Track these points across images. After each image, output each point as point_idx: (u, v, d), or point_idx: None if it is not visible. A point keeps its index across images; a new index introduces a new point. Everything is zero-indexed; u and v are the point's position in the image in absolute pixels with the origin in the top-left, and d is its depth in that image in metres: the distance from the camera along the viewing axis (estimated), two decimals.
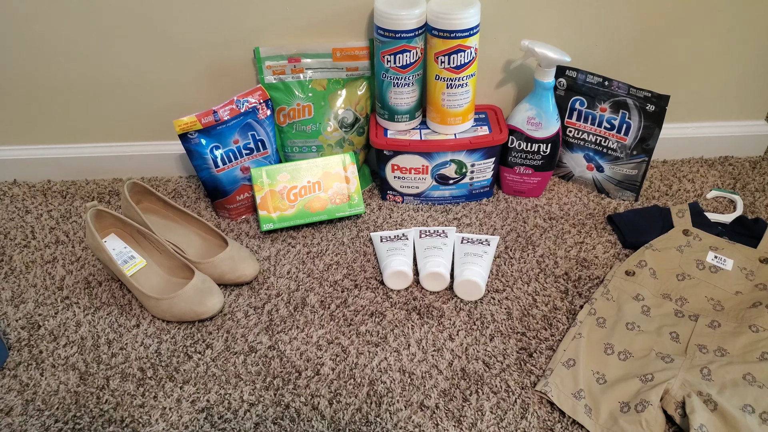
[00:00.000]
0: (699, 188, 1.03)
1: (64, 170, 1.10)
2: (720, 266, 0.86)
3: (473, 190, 1.00)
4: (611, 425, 0.70)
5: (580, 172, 1.03)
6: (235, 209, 1.00)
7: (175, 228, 0.95)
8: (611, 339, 0.78)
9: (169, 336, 0.83)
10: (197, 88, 1.00)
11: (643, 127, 0.93)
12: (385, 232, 0.94)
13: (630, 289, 0.84)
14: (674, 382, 0.72)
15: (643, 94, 0.90)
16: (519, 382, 0.76)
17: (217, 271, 0.87)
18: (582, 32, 0.95)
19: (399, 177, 0.99)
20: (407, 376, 0.77)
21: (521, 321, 0.83)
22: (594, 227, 0.96)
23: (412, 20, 0.85)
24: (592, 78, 0.93)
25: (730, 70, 1.01)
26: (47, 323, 0.86)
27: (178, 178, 1.10)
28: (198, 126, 0.91)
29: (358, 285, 0.89)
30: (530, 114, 0.93)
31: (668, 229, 0.92)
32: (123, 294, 0.89)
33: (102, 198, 1.07)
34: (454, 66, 0.88)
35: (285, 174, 0.96)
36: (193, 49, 0.95)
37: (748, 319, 0.79)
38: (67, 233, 1.00)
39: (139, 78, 0.99)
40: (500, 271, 0.90)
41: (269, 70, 0.95)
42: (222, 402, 0.75)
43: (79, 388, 0.77)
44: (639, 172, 0.97)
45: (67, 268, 0.94)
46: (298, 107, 0.97)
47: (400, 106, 0.93)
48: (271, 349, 0.81)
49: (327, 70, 0.96)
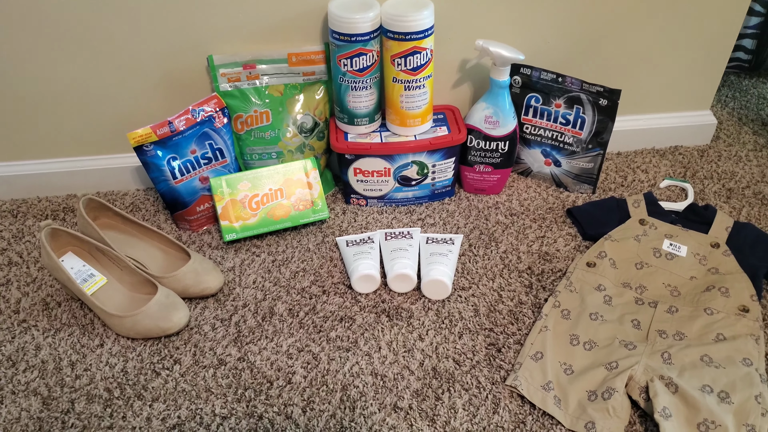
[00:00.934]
0: (652, 178, 1.06)
1: (13, 188, 1.06)
2: (675, 253, 0.89)
3: (435, 190, 1.01)
4: (580, 414, 0.72)
5: (538, 168, 1.05)
6: (196, 221, 0.98)
7: (135, 243, 0.93)
8: (576, 330, 0.80)
9: (135, 354, 0.81)
10: (151, 98, 0.98)
11: (597, 121, 0.95)
12: (351, 236, 0.94)
13: (592, 280, 0.87)
14: (637, 368, 0.74)
15: (596, 89, 0.93)
16: (489, 378, 0.77)
17: (181, 285, 0.86)
18: (535, 30, 0.97)
19: (362, 180, 0.99)
20: (379, 379, 0.77)
21: (488, 317, 0.84)
22: (554, 221, 0.99)
23: (367, 23, 0.85)
24: (546, 75, 0.95)
25: (677, 63, 1.04)
26: (4, 348, 0.82)
27: (135, 192, 1.08)
28: (153, 138, 0.89)
29: (326, 291, 0.88)
30: (487, 113, 0.95)
31: (625, 219, 0.95)
32: (84, 313, 0.87)
33: (56, 215, 1.03)
34: (410, 68, 0.88)
35: (245, 182, 0.95)
36: (145, 58, 0.93)
37: (703, 303, 0.82)
38: (20, 254, 0.96)
39: (89, 89, 0.96)
40: (465, 269, 0.91)
41: (224, 78, 0.94)
42: (194, 417, 0.74)
43: (42, 413, 0.75)
44: (595, 165, 0.99)
45: (22, 290, 0.90)
46: (256, 114, 0.96)
47: (359, 110, 0.93)
48: (240, 360, 0.80)
49: (283, 75, 0.95)
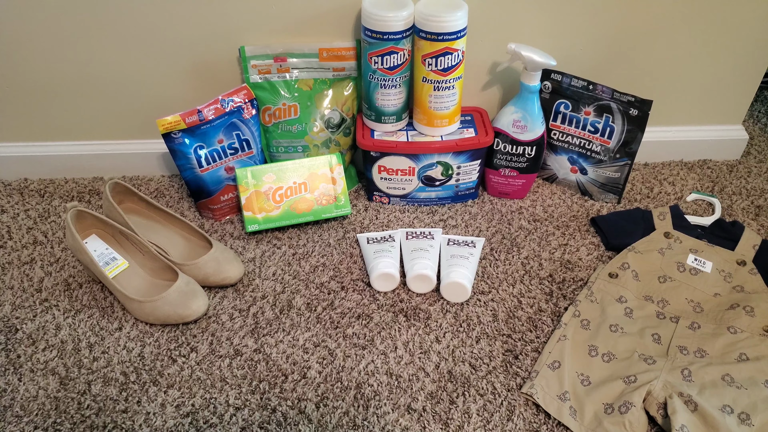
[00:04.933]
0: (679, 191, 1.05)
1: (42, 168, 1.07)
2: (700, 269, 0.88)
3: (459, 192, 1.01)
4: (595, 426, 0.71)
5: (564, 175, 1.04)
6: (219, 210, 0.99)
7: (157, 229, 0.93)
8: (595, 341, 0.79)
9: (153, 339, 0.82)
10: (181, 86, 0.98)
11: (626, 131, 0.94)
12: (372, 234, 0.94)
13: (613, 291, 0.86)
14: (656, 384, 0.73)
15: (627, 98, 0.91)
16: (505, 384, 0.76)
17: (202, 273, 0.86)
18: (567, 36, 0.96)
19: (385, 178, 0.98)
20: (394, 379, 0.77)
21: (507, 323, 0.84)
22: (578, 229, 0.98)
23: (400, 22, 0.84)
24: (577, 82, 0.94)
25: (710, 76, 1.02)
26: (25, 327, 0.84)
27: (160, 178, 1.09)
28: (182, 125, 0.90)
29: (345, 287, 0.88)
30: (516, 117, 0.94)
31: (650, 231, 0.94)
32: (104, 296, 0.87)
33: (82, 197, 1.05)
34: (441, 68, 0.88)
35: (270, 174, 0.95)
36: (177, 47, 0.94)
37: (726, 321, 0.81)
38: (45, 233, 0.98)
39: (121, 75, 0.97)
40: (486, 273, 0.90)
41: (254, 70, 0.94)
42: (207, 406, 0.74)
43: (59, 393, 0.76)
44: (622, 175, 0.98)
45: (45, 269, 0.92)
46: (284, 107, 0.96)
47: (387, 108, 0.93)
48: (256, 352, 0.80)
49: (313, 70, 0.95)
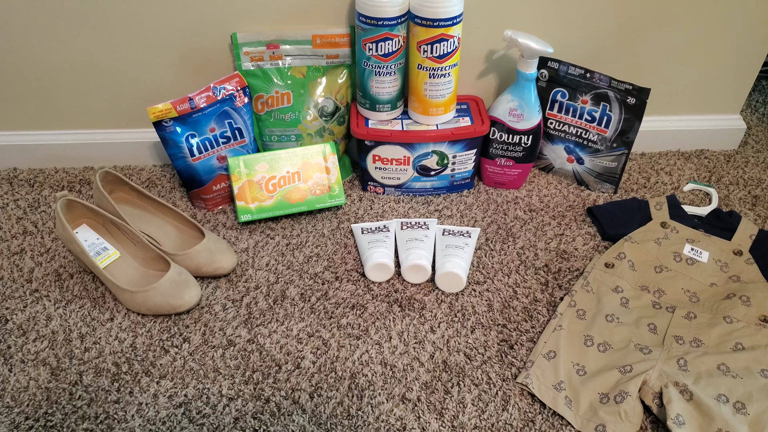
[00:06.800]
0: (676, 181, 1.04)
1: (32, 158, 1.06)
2: (696, 258, 0.87)
3: (454, 182, 1.00)
4: (591, 416, 0.70)
5: (561, 164, 1.03)
6: (212, 199, 0.98)
7: (149, 219, 0.92)
8: (591, 331, 0.79)
9: (145, 330, 0.81)
10: (173, 74, 0.97)
11: (623, 120, 0.93)
12: (366, 224, 0.93)
13: (609, 281, 0.85)
14: (652, 373, 0.73)
15: (624, 86, 0.90)
16: (500, 374, 0.76)
17: (194, 263, 0.85)
18: (564, 23, 0.95)
19: (380, 168, 0.97)
20: (389, 369, 0.76)
21: (502, 313, 0.83)
22: (574, 219, 0.97)
23: (395, 7, 0.83)
24: (574, 70, 0.93)
25: (709, 65, 1.02)
26: (15, 317, 0.82)
27: (152, 167, 1.07)
28: (173, 113, 0.88)
29: (339, 277, 0.88)
30: (512, 105, 0.93)
31: (646, 221, 0.93)
32: (96, 287, 0.86)
33: (72, 187, 1.03)
34: (436, 55, 0.87)
35: (263, 164, 0.94)
36: (168, 33, 0.92)
37: (723, 311, 0.80)
38: (35, 223, 0.96)
39: (111, 62, 0.95)
40: (481, 263, 0.90)
41: (247, 57, 0.93)
42: (200, 397, 0.74)
43: (50, 384, 0.75)
44: (618, 164, 0.97)
45: (36, 259, 0.90)
46: (277, 95, 0.95)
47: (382, 96, 0.92)
48: (250, 342, 0.79)
49: (306, 57, 0.93)
